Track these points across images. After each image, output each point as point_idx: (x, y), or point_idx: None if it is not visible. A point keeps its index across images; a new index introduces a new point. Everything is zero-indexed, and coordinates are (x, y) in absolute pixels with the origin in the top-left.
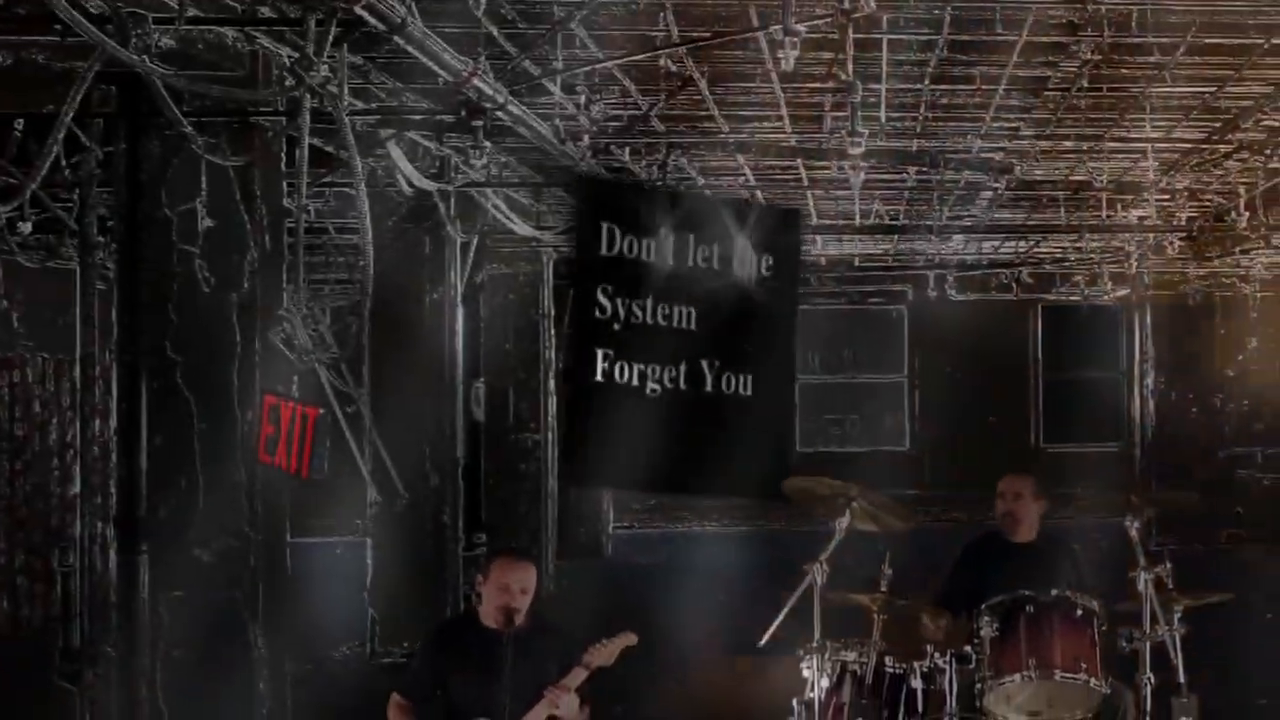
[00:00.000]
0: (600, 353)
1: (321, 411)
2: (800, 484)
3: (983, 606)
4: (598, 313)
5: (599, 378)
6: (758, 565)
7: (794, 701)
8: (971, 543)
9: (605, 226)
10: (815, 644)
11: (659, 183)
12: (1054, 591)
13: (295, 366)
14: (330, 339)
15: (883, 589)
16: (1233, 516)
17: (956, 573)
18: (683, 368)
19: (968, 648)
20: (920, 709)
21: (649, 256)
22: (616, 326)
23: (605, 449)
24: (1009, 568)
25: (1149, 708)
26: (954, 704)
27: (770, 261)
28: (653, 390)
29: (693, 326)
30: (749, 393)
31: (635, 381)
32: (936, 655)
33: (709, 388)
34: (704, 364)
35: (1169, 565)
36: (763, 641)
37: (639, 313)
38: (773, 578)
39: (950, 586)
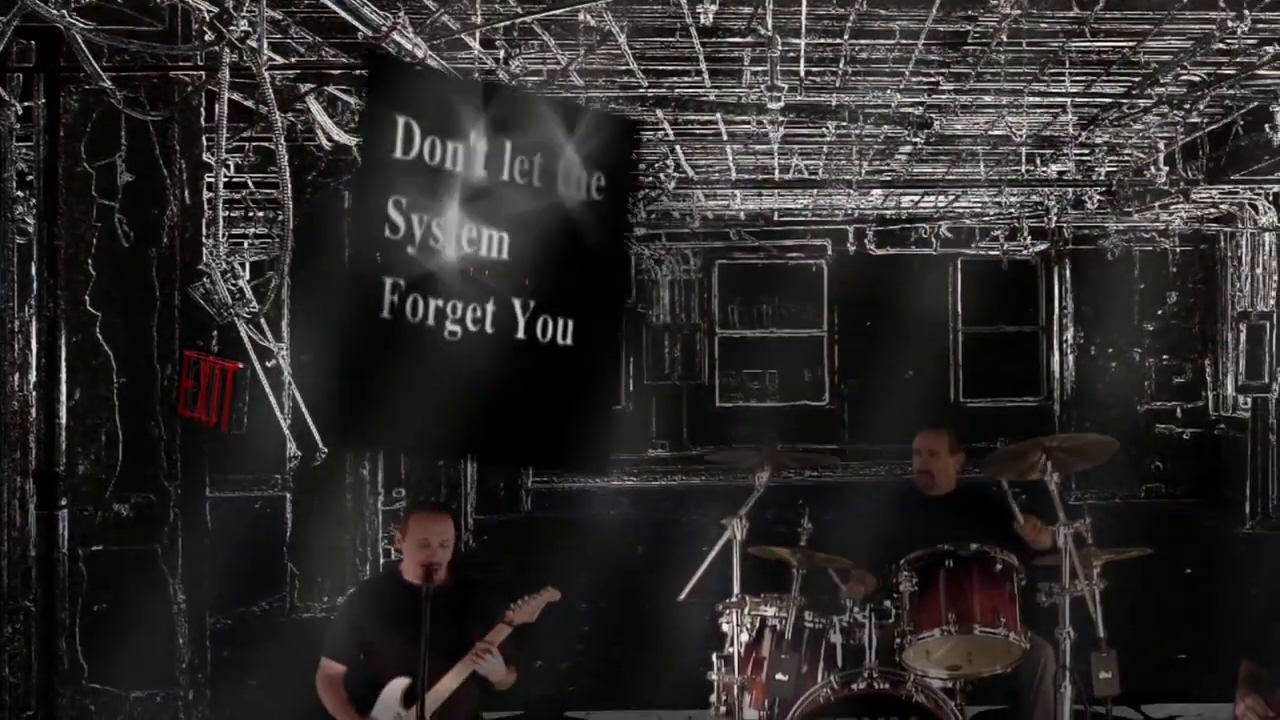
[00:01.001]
0: (389, 282)
1: (241, 366)
2: (720, 457)
3: (902, 561)
4: (388, 231)
5: (386, 314)
6: (677, 520)
7: (714, 656)
8: (890, 496)
9: (402, 122)
10: (734, 599)
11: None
12: (973, 546)
13: (215, 321)
14: (250, 294)
15: (802, 543)
16: (1152, 471)
17: (876, 527)
18: (490, 307)
19: (887, 602)
20: (840, 663)
21: (455, 165)
22: (410, 250)
23: (392, 404)
24: (927, 521)
25: (1068, 662)
26: (873, 658)
27: (601, 181)
28: (452, 333)
29: (505, 256)
30: (568, 342)
31: (431, 321)
32: (856, 610)
33: (521, 334)
34: (516, 304)
35: (1088, 520)
36: (682, 596)
37: (439, 235)
38: (692, 532)
39: (870, 541)
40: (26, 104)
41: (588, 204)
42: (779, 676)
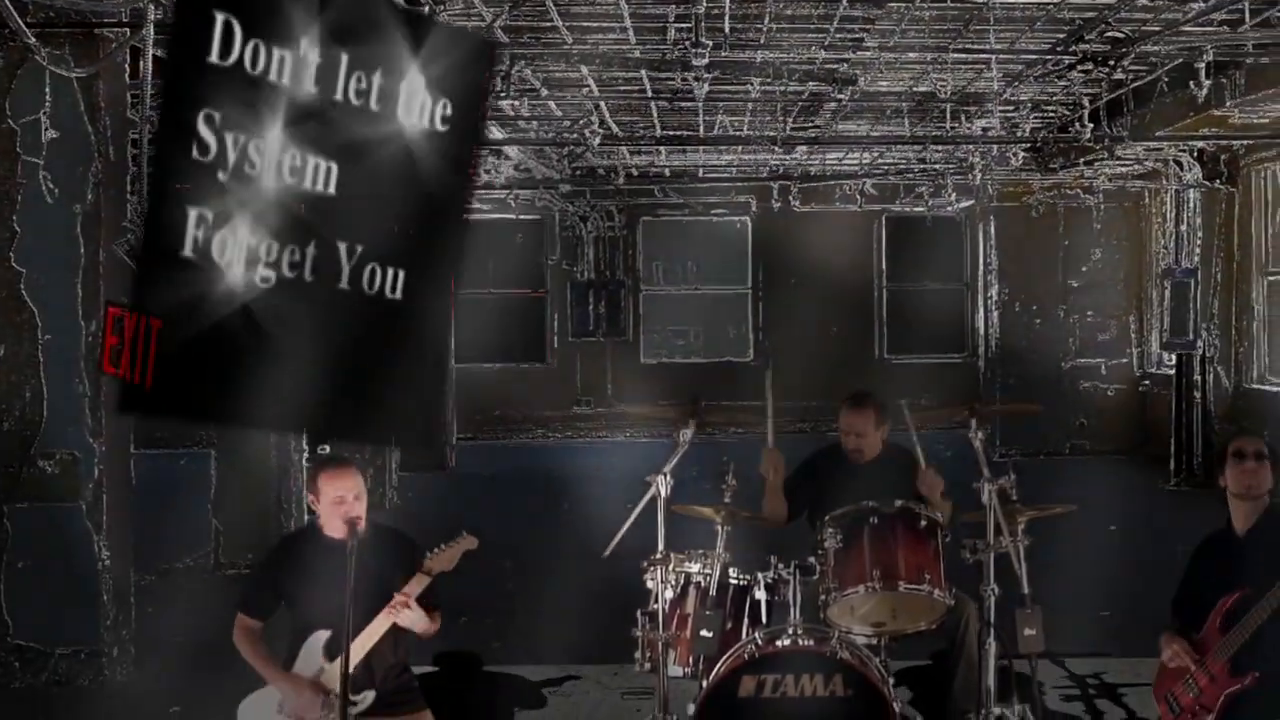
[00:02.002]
0: (194, 214)
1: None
2: (641, 413)
3: (826, 518)
4: (196, 152)
5: (188, 251)
6: (602, 476)
7: (638, 613)
8: (815, 455)
9: (221, 19)
10: (659, 555)
11: None
12: (898, 503)
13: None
14: None
15: (727, 500)
16: (1076, 427)
17: (800, 485)
18: (311, 250)
19: (812, 559)
20: (765, 620)
21: (281, 77)
22: (221, 176)
23: (187, 362)
24: (853, 481)
25: (993, 618)
26: (798, 615)
27: (446, 110)
28: (264, 278)
29: (332, 190)
30: (397, 296)
31: (241, 263)
32: (781, 566)
33: (344, 283)
34: (342, 248)
35: (1013, 476)
36: (607, 552)
37: (257, 159)
38: (617, 489)
39: (794, 499)
40: None
41: (430, 135)
42: (703, 633)
